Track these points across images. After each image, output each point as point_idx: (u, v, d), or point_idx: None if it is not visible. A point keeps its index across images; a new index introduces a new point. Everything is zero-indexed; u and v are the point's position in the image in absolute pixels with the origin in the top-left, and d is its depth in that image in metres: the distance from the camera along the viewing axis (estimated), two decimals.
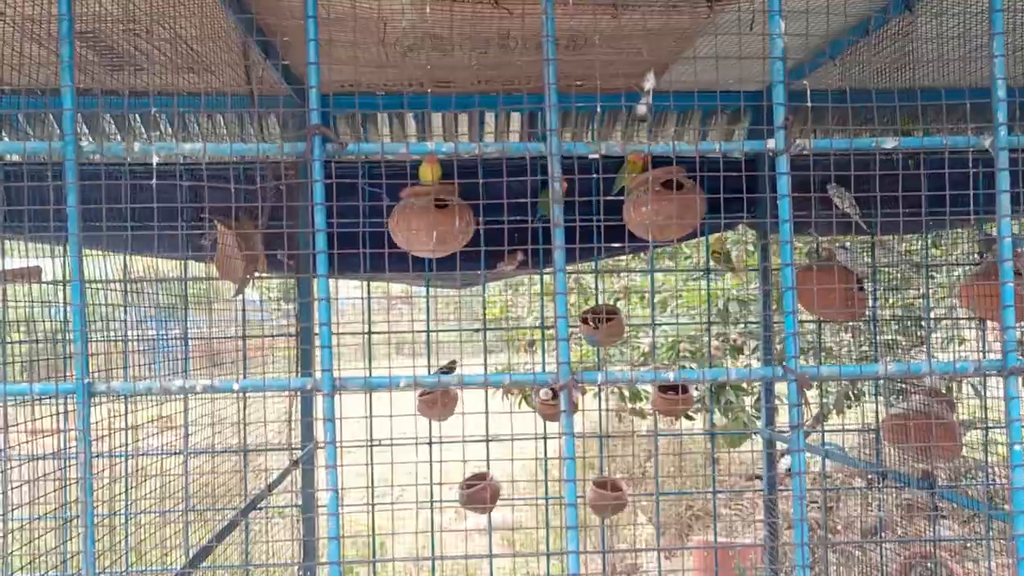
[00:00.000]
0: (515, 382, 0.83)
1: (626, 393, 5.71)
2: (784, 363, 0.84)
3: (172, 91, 3.18)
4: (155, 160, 0.80)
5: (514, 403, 5.81)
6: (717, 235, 3.66)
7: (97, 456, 3.43)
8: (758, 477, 7.76)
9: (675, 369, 0.83)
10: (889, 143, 0.74)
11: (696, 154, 0.94)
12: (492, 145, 0.84)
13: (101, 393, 0.81)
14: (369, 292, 3.81)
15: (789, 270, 1.12)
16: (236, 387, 0.81)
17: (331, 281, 4.64)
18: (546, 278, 4.19)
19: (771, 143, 0.83)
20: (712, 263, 3.70)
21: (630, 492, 3.54)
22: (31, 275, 2.21)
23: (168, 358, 3.92)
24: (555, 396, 3.48)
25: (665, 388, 3.53)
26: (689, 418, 5.50)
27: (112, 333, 3.60)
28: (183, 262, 3.59)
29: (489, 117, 3.67)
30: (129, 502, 3.32)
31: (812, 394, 6.03)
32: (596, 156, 0.79)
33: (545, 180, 3.42)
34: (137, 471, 3.56)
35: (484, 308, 3.88)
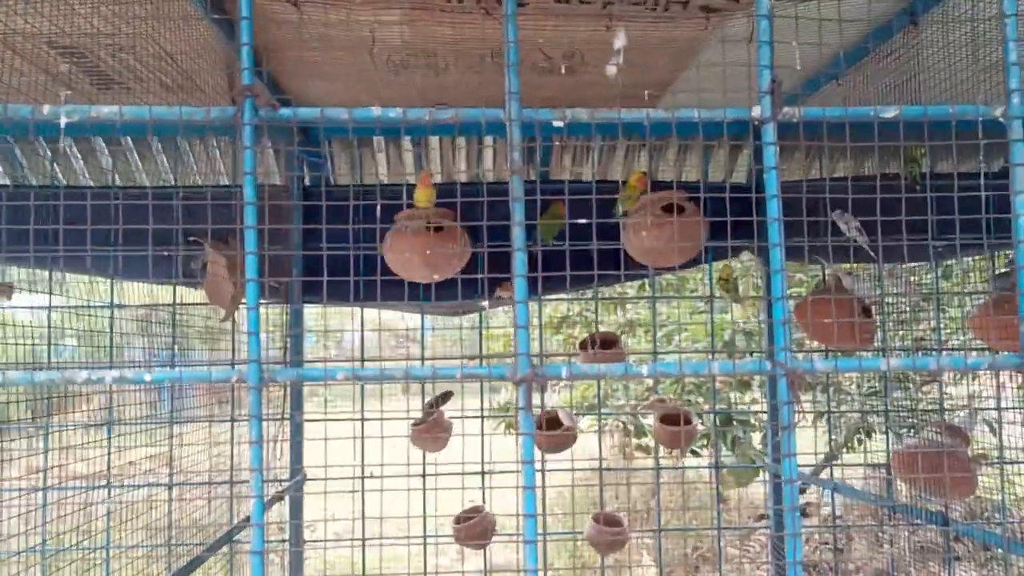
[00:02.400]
0: (467, 376, 0.73)
1: (631, 428, 5.57)
2: (773, 356, 0.74)
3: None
4: (63, 122, 0.71)
5: (499, 430, 5.67)
6: (724, 262, 3.57)
7: (84, 489, 3.32)
8: (765, 516, 7.56)
9: (648, 363, 0.73)
10: (890, 112, 0.66)
11: (672, 121, 0.86)
12: (446, 111, 0.75)
13: None
14: (359, 322, 3.72)
15: (777, 250, 1.03)
16: (148, 378, 0.72)
17: (324, 309, 4.55)
18: (541, 306, 4.09)
19: (756, 111, 0.74)
20: (718, 292, 3.59)
21: (631, 529, 3.39)
22: (3, 291, 2.13)
23: (170, 395, 3.83)
24: (552, 426, 3.37)
25: (668, 419, 3.41)
26: (695, 454, 5.35)
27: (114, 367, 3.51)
28: (174, 287, 3.51)
29: (488, 139, 3.61)
30: (109, 536, 3.21)
31: (822, 430, 5.88)
32: (560, 124, 0.71)
33: (545, 203, 3.34)
34: (124, 505, 3.45)
35: (481, 337, 3.78)
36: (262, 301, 3.62)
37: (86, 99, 2.93)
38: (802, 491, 7.41)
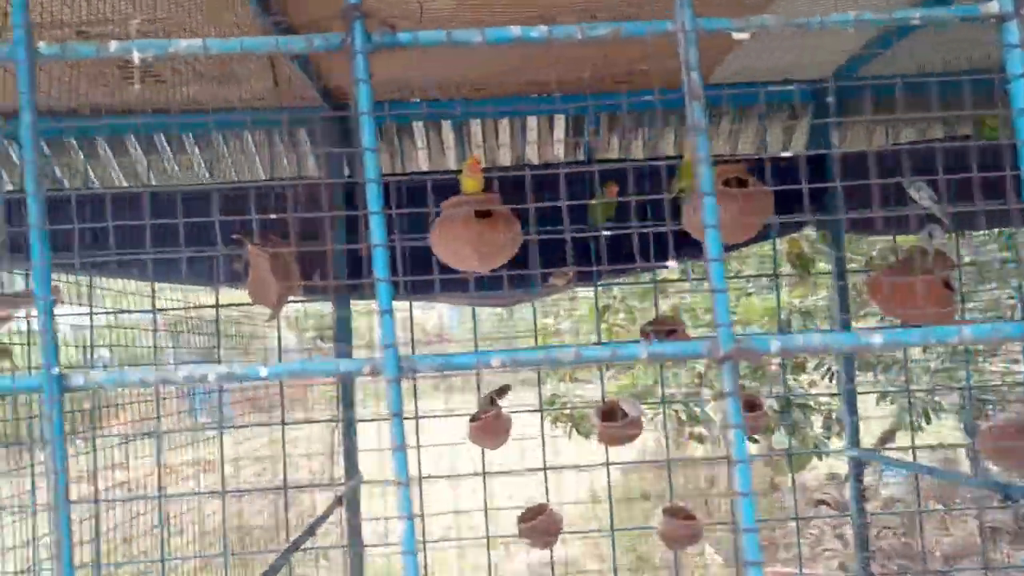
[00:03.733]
0: (653, 355, 0.58)
1: (683, 417, 5.40)
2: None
3: (198, 105, 3.00)
4: (136, 58, 0.58)
5: (564, 431, 5.52)
6: (791, 237, 3.39)
7: (134, 499, 3.22)
8: (823, 503, 7.36)
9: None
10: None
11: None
12: (603, 26, 0.60)
13: (76, 389, 0.57)
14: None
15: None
16: (264, 373, 0.57)
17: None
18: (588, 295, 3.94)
19: (993, 6, 0.58)
20: (788, 268, 3.41)
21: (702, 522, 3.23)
22: (30, 299, 2.01)
23: (208, 403, 3.73)
24: (619, 417, 3.21)
25: (751, 405, 3.24)
26: (753, 440, 5.17)
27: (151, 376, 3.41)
28: (216, 290, 3.39)
29: (532, 122, 3.45)
30: (165, 547, 3.10)
31: (884, 411, 5.67)
32: (743, 36, 0.56)
33: (602, 185, 3.16)
34: (173, 516, 3.35)
35: (536, 327, 3.62)
36: (304, 299, 3.46)
37: (114, 93, 2.81)
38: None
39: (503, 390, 3.30)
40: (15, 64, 0.64)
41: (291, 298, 3.22)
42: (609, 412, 3.30)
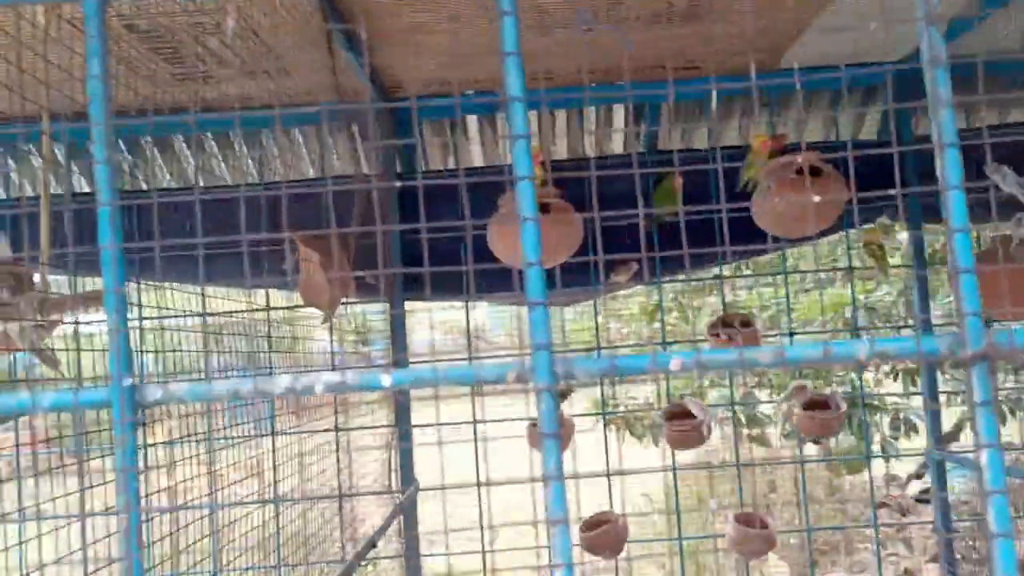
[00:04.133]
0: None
1: (742, 418, 5.21)
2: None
3: (246, 101, 2.90)
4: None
5: (617, 434, 5.37)
6: (868, 227, 3.20)
7: (182, 508, 3.14)
8: (884, 505, 7.09)
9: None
10: None
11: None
12: None
13: (152, 404, 0.45)
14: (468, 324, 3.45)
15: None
16: (387, 382, 0.44)
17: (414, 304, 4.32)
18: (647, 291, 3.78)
19: None
20: (867, 260, 3.23)
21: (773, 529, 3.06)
22: (94, 300, 1.92)
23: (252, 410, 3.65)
24: (686, 417, 3.05)
25: (812, 406, 3.07)
26: (816, 442, 4.97)
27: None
28: (266, 291, 3.29)
29: (589, 112, 3.31)
30: (217, 557, 3.01)
31: (954, 410, 5.43)
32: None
33: (659, 177, 3.02)
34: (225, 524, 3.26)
35: (597, 328, 3.46)
36: (356, 299, 3.36)
37: (163, 89, 2.73)
38: (919, 476, 6.93)
39: (564, 393, 3.16)
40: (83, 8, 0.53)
41: (344, 299, 3.12)
42: (676, 413, 3.15)
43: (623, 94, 3.06)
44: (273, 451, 3.19)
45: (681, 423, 2.99)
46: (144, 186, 3.36)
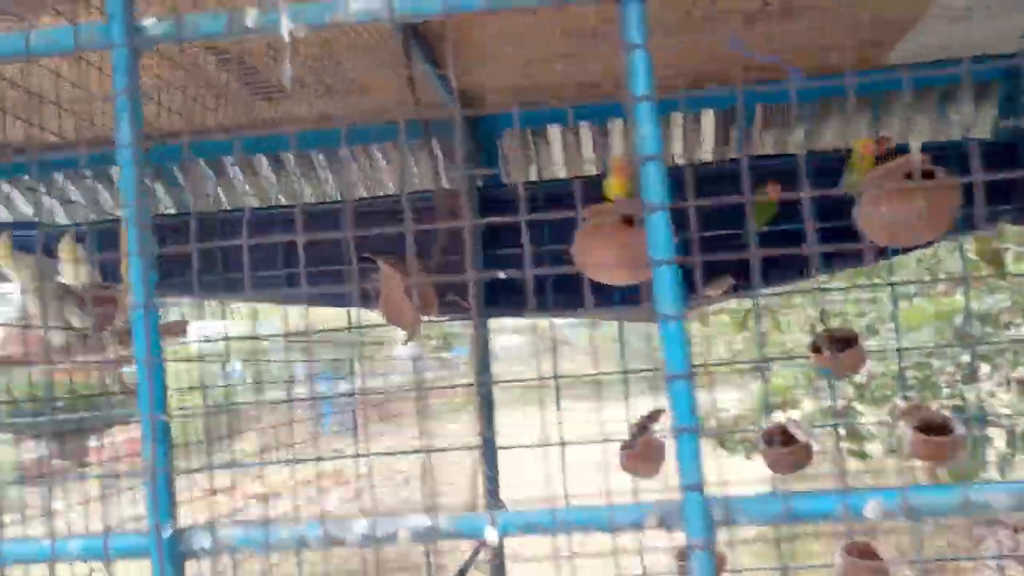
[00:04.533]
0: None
1: (842, 432, 4.95)
2: None
3: (324, 120, 2.86)
4: (287, 29, 0.37)
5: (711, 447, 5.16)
6: (981, 234, 2.97)
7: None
8: (999, 522, 6.68)
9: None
10: None
11: None
12: None
13: (193, 554, 0.35)
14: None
15: None
16: (491, 536, 0.34)
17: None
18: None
19: None
20: (983, 268, 2.99)
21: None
22: (175, 330, 1.88)
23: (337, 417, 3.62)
24: (787, 439, 2.87)
25: (925, 427, 2.84)
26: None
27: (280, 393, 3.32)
28: (348, 312, 3.25)
29: (677, 117, 3.16)
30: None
31: None
32: None
33: (754, 185, 2.86)
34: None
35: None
36: (441, 319, 3.28)
37: (244, 113, 2.70)
38: None
39: (655, 414, 3.01)
40: (111, 49, 0.44)
41: (426, 318, 3.04)
42: (776, 434, 2.96)
43: (714, 95, 2.91)
44: (368, 458, 3.13)
45: (782, 447, 2.81)
46: (227, 205, 3.36)
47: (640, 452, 2.88)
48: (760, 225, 2.93)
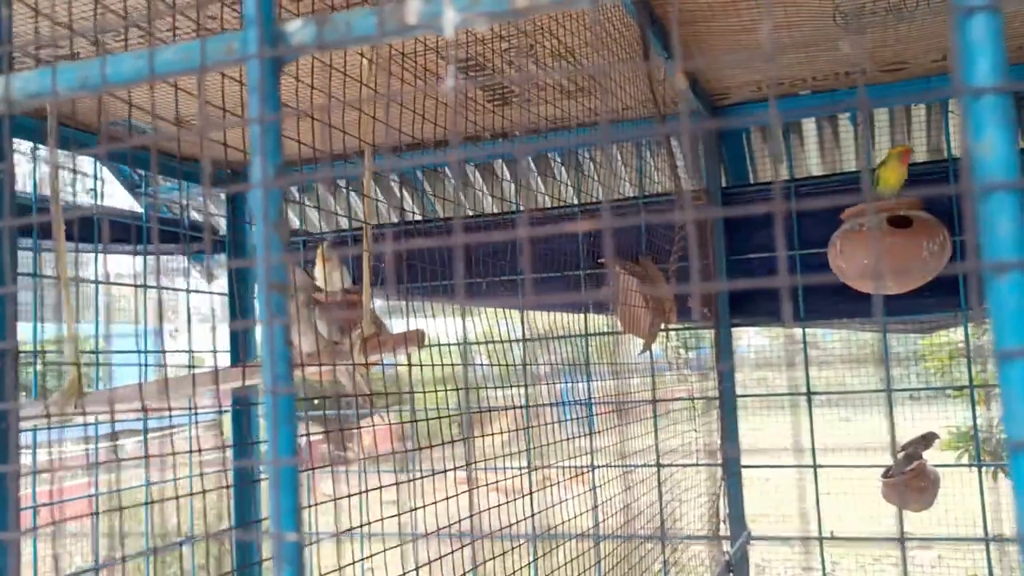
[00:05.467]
0: None
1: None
2: None
3: (564, 122, 2.80)
4: (448, 21, 0.28)
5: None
6: None
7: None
8: None
9: None
10: None
11: None
12: None
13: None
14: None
15: None
16: None
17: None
18: None
19: None
20: None
21: None
22: (414, 340, 1.89)
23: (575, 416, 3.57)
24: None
25: None
26: None
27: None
28: (583, 316, 3.18)
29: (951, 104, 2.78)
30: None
31: None
32: None
33: None
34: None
35: (970, 362, 2.89)
36: (681, 327, 3.12)
37: (482, 120, 2.70)
38: None
39: (928, 439, 2.66)
40: (245, 60, 0.37)
41: (664, 327, 2.90)
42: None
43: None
44: (592, 468, 3.04)
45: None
46: (470, 211, 3.42)
47: (910, 482, 2.55)
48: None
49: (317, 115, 1.89)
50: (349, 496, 1.95)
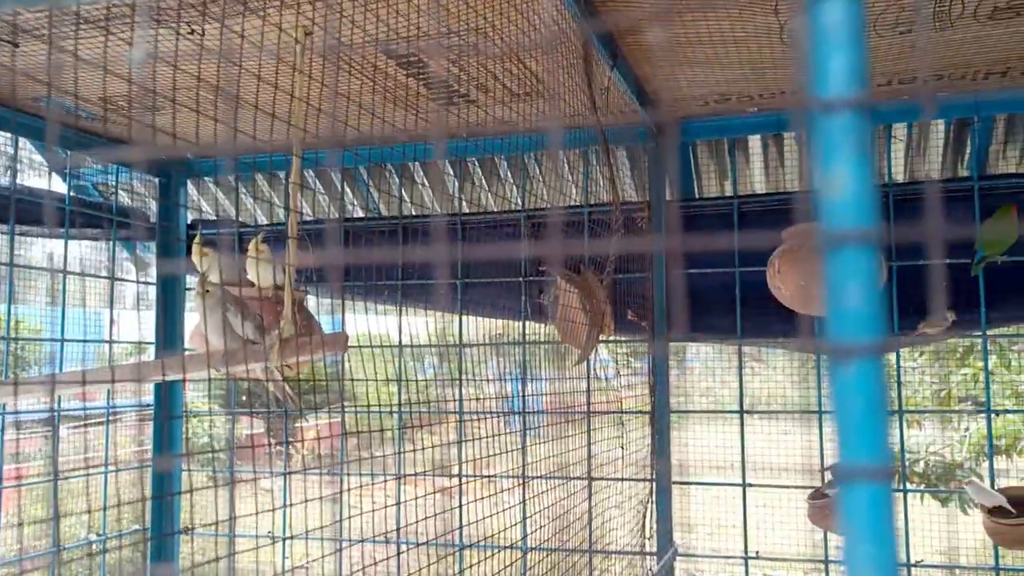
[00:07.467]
0: None
1: None
2: None
3: (510, 126, 2.75)
4: None
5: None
6: None
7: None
8: None
9: None
10: None
11: None
12: None
13: None
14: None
15: None
16: None
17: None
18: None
19: None
20: None
21: None
22: (337, 343, 1.82)
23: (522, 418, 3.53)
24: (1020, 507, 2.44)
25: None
26: None
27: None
28: (522, 323, 3.14)
29: (900, 129, 2.79)
30: None
31: None
32: None
33: (991, 208, 2.46)
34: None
35: (900, 386, 2.91)
36: (618, 339, 3.09)
37: (425, 119, 2.64)
38: None
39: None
40: None
41: (602, 339, 2.87)
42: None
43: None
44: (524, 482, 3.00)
45: (1014, 518, 2.39)
46: (413, 212, 3.35)
47: (827, 504, 2.55)
48: (994, 254, 2.53)
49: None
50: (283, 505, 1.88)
